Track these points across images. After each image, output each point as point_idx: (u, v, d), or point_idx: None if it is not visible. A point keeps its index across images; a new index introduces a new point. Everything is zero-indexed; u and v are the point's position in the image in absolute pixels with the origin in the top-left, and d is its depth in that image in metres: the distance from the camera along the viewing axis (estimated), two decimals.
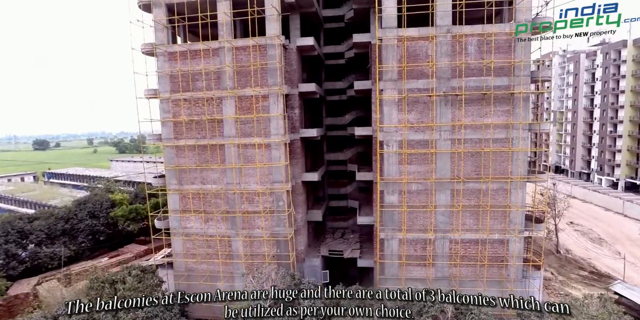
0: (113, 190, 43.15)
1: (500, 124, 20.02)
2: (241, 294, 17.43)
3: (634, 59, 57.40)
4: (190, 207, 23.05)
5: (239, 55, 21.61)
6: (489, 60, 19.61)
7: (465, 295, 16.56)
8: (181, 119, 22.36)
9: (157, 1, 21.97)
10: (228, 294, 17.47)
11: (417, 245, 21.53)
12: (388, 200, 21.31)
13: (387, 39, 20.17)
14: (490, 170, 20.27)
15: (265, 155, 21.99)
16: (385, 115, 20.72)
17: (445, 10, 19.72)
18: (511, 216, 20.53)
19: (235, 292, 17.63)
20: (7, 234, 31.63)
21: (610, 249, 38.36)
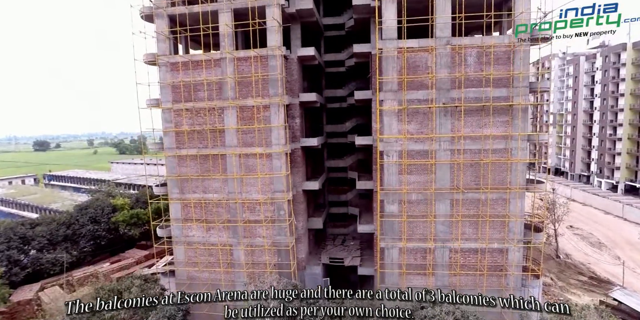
0: (114, 195, 43.31)
1: (499, 135, 20.18)
2: (241, 294, 17.67)
3: (633, 62, 57.55)
4: (192, 216, 23.25)
5: (241, 65, 21.78)
6: (488, 72, 19.76)
7: (465, 295, 16.72)
8: (183, 129, 22.53)
9: (159, 12, 22.15)
10: (228, 294, 17.73)
11: (417, 254, 21.71)
12: (388, 209, 21.49)
13: (387, 50, 20.33)
14: (490, 180, 20.43)
15: (266, 164, 22.17)
16: (386, 125, 20.89)
17: (444, 22, 19.87)
18: (510, 225, 20.70)
19: (235, 292, 17.94)
20: (10, 240, 31.83)
21: (610, 254, 38.57)
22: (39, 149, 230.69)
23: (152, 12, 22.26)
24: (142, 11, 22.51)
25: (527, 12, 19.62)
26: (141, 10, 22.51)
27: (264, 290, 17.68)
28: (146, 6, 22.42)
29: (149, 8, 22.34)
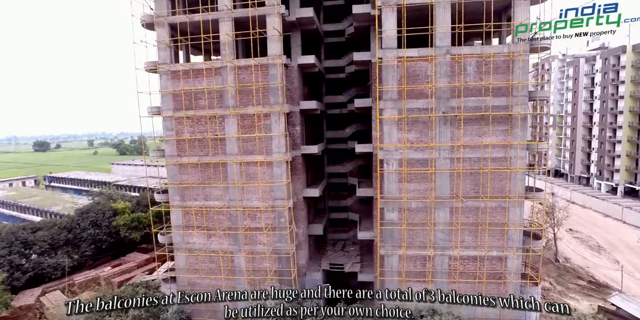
0: (115, 199, 43.44)
1: (498, 144, 20.29)
2: (241, 294, 17.86)
3: (633, 65, 57.63)
4: (193, 223, 23.39)
5: (241, 74, 21.89)
6: (487, 81, 19.87)
7: (465, 295, 16.84)
8: (184, 137, 22.65)
9: (160, 21, 22.24)
10: (228, 293, 17.91)
11: (417, 262, 21.85)
12: (388, 217, 21.62)
13: (387, 59, 20.44)
14: (489, 188, 20.56)
15: (267, 172, 22.29)
16: (385, 134, 21.01)
17: (444, 32, 19.97)
18: (509, 233, 20.83)
19: (235, 292, 18.13)
20: (11, 245, 31.96)
21: (609, 258, 38.68)
22: (39, 150, 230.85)
23: (153, 20, 22.36)
24: (143, 19, 22.61)
25: (527, 21, 19.71)
26: (142, 19, 22.61)
27: (264, 290, 17.91)
28: (147, 15, 22.51)
29: (150, 16, 22.44)
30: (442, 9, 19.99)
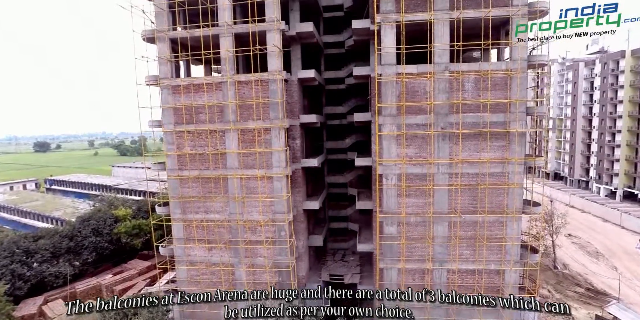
0: (116, 205, 43.64)
1: (496, 159, 20.48)
2: (241, 294, 18.06)
3: (632, 69, 57.77)
4: (194, 236, 23.60)
5: (242, 89, 22.05)
6: (485, 98, 20.03)
7: (465, 295, 16.98)
8: (185, 151, 22.84)
9: (160, 35, 22.40)
10: (228, 294, 18.10)
11: (416, 275, 22.08)
12: (387, 231, 21.83)
13: (386, 75, 20.60)
14: (487, 203, 20.76)
15: (267, 186, 22.48)
16: (385, 149, 21.18)
17: (443, 49, 20.13)
18: (507, 247, 21.06)
19: (235, 292, 18.33)
20: (13, 254, 32.12)
21: (607, 264, 38.91)
22: (39, 150, 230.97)
23: (154, 35, 22.51)
24: (144, 34, 22.76)
25: (525, 37, 19.85)
26: (143, 34, 22.76)
27: (263, 290, 18.15)
28: (148, 30, 22.67)
29: (151, 31, 22.60)
30: (440, 25, 20.14)
